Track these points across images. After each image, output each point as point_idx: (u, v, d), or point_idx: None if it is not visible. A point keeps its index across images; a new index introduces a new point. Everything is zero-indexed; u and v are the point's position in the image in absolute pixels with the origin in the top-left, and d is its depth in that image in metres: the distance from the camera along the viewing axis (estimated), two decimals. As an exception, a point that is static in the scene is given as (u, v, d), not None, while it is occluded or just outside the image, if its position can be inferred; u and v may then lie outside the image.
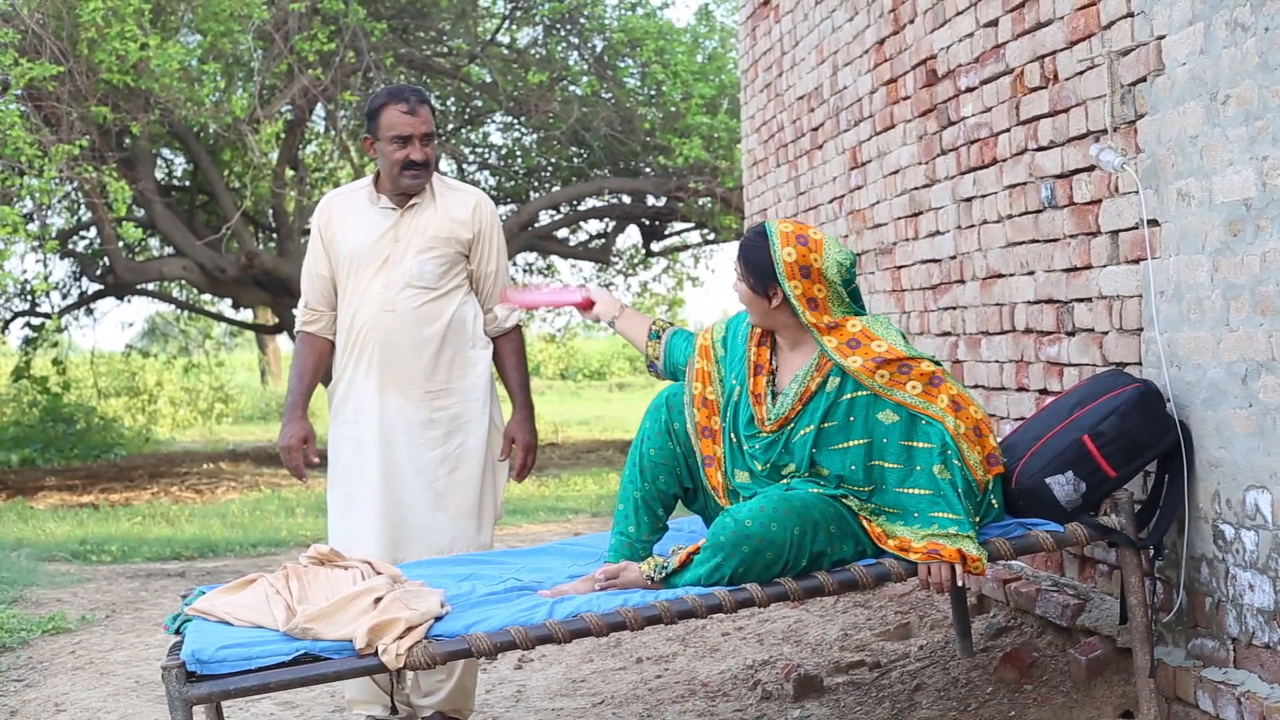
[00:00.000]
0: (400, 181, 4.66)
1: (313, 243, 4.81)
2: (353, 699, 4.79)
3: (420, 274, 4.67)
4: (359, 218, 4.73)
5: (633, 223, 19.77)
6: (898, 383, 3.92)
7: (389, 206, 4.70)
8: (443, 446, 4.70)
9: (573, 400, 29.88)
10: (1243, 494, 3.71)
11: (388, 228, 4.69)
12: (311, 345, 4.82)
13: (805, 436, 3.98)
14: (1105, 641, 4.43)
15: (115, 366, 24.87)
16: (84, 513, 12.93)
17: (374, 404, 4.67)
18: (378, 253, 4.67)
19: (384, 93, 4.68)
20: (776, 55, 7.99)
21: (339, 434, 4.75)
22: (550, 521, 11.29)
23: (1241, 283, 3.64)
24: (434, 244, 4.69)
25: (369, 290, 4.68)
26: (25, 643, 6.82)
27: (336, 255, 4.74)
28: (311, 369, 4.81)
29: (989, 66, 5.11)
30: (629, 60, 16.89)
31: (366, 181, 4.81)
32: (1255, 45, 3.54)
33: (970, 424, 3.92)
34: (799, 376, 4.02)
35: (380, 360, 4.67)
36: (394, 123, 4.60)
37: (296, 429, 4.74)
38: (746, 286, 4.04)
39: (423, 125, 4.62)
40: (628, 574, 4.02)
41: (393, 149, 4.62)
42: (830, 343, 3.97)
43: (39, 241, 13.14)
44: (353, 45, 14.62)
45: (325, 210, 4.80)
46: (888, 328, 4.01)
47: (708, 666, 5.66)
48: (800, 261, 3.96)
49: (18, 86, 11.44)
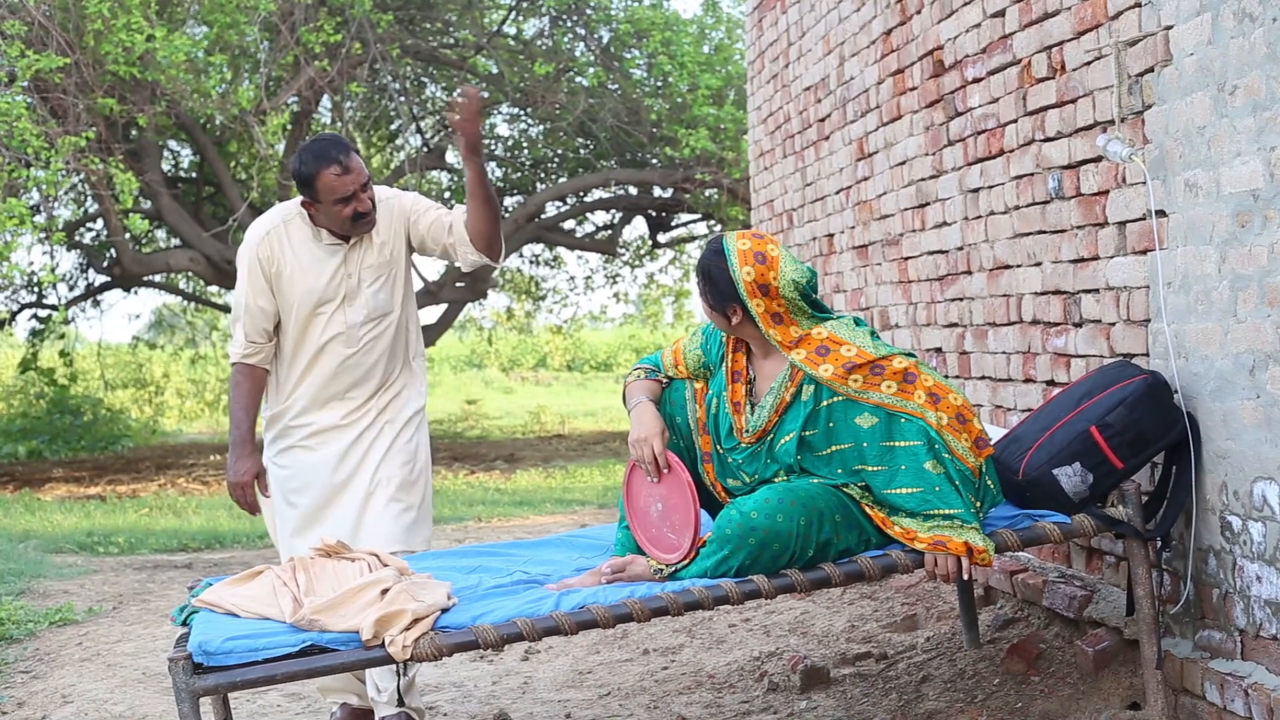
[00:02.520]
0: (354, 231, 4.63)
1: (250, 275, 4.67)
2: (325, 687, 4.79)
3: (377, 305, 4.69)
4: (308, 256, 4.66)
5: (639, 214, 19.77)
6: (872, 384, 3.89)
7: (334, 242, 4.66)
8: (393, 443, 4.73)
9: (579, 392, 29.88)
10: (1250, 485, 3.70)
11: (338, 265, 4.65)
12: (252, 377, 4.72)
13: (788, 444, 3.96)
14: (1112, 633, 4.42)
15: (122, 358, 24.92)
16: (91, 504, 12.95)
17: (328, 419, 4.69)
18: (335, 291, 4.65)
19: (310, 158, 4.54)
20: (783, 46, 7.98)
21: (288, 459, 4.72)
22: (557, 513, 11.29)
23: (1249, 274, 3.63)
24: (381, 272, 4.69)
25: (329, 327, 4.66)
26: (32, 634, 6.84)
27: (284, 291, 4.65)
28: (255, 402, 4.73)
29: (996, 57, 5.10)
30: (635, 51, 16.88)
31: (296, 210, 4.70)
32: (1263, 35, 3.53)
33: (951, 413, 3.89)
34: (774, 388, 4.00)
35: (337, 385, 4.70)
36: (332, 187, 4.53)
37: (249, 464, 4.69)
38: (706, 305, 4.03)
39: (359, 178, 4.56)
40: (634, 567, 4.02)
41: (338, 209, 4.56)
42: (799, 355, 3.94)
43: (46, 233, 13.15)
44: (359, 37, 14.60)
45: (266, 243, 4.67)
46: (853, 329, 3.97)
47: (714, 658, 5.66)
48: (759, 280, 3.93)
49: (24, 78, 11.44)
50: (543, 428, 21.71)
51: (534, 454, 17.72)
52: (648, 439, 4.02)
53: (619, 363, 33.85)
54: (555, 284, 21.78)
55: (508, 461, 16.64)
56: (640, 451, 4.03)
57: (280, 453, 4.74)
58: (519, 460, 16.78)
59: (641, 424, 4.06)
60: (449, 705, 5.32)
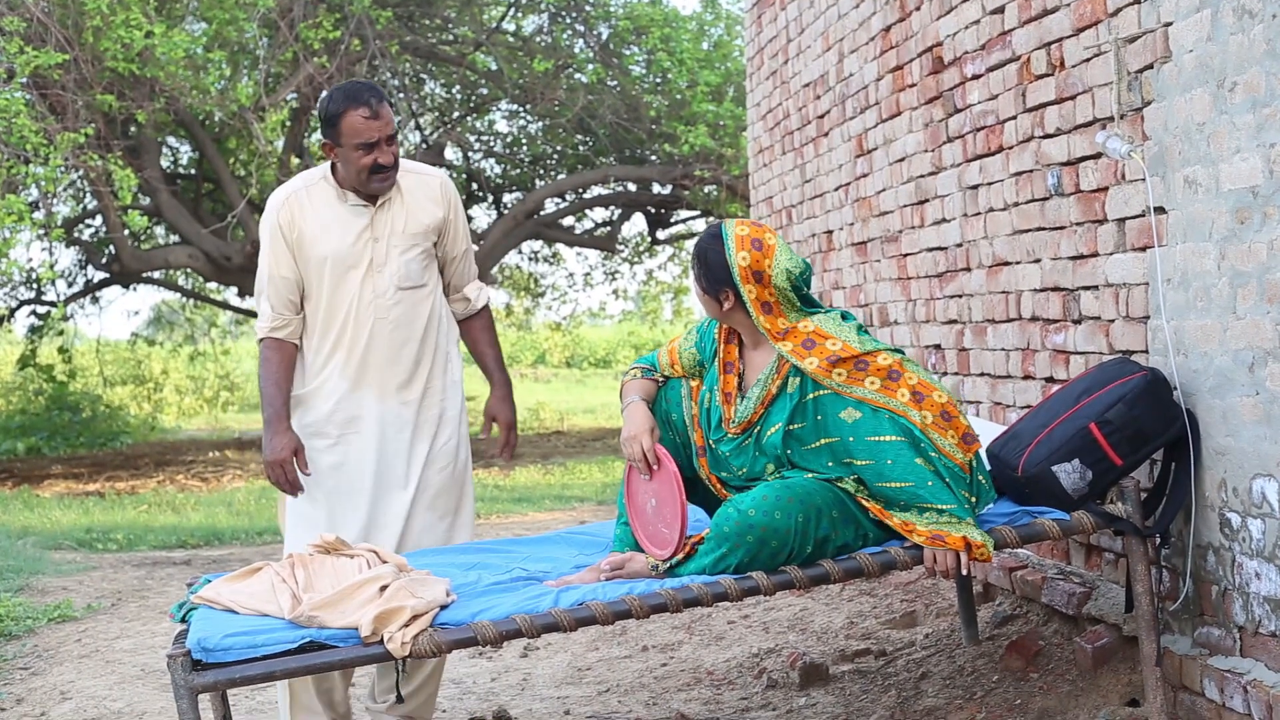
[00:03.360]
0: (369, 185, 4.44)
1: (273, 243, 4.50)
2: (301, 707, 4.51)
3: (408, 274, 4.50)
4: (330, 216, 4.49)
5: (638, 210, 19.77)
6: (855, 379, 3.89)
7: (360, 204, 4.49)
8: (432, 446, 4.57)
9: (578, 388, 29.87)
10: (1249, 482, 3.70)
11: (363, 227, 4.48)
12: (282, 352, 4.51)
13: (773, 436, 3.96)
14: (1111, 630, 4.42)
15: (121, 355, 24.89)
16: (90, 501, 12.94)
17: (365, 410, 4.50)
18: (360, 255, 4.48)
19: (340, 96, 4.40)
20: (782, 43, 7.97)
21: (315, 442, 4.51)
22: (556, 509, 11.29)
23: (1249, 270, 3.63)
24: (415, 240, 4.52)
25: (359, 294, 4.48)
26: (31, 631, 6.84)
27: (308, 256, 4.48)
28: (286, 377, 4.51)
29: (995, 53, 5.09)
30: (634, 48, 16.88)
31: (322, 174, 4.55)
32: (1263, 32, 3.52)
33: (936, 410, 3.87)
34: (761, 379, 4.01)
35: (368, 364, 4.49)
36: (357, 129, 4.36)
37: (286, 440, 4.43)
38: (699, 289, 4.04)
39: (386, 127, 4.39)
40: (633, 564, 4.02)
41: (358, 155, 4.39)
42: (786, 346, 3.95)
43: (45, 230, 13.15)
44: (358, 33, 14.60)
45: (287, 208, 4.49)
46: (840, 324, 3.97)
47: (713, 655, 5.66)
48: (754, 266, 3.94)
49: (23, 75, 11.44)
50: (542, 424, 21.71)
51: (533, 451, 17.72)
52: (636, 436, 4.06)
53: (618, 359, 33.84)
54: (554, 280, 21.80)
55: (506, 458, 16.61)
56: (630, 449, 4.06)
57: (307, 436, 4.51)
58: (518, 457, 16.77)
59: (632, 422, 4.10)
60: (448, 702, 5.32)
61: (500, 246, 18.33)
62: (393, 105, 4.48)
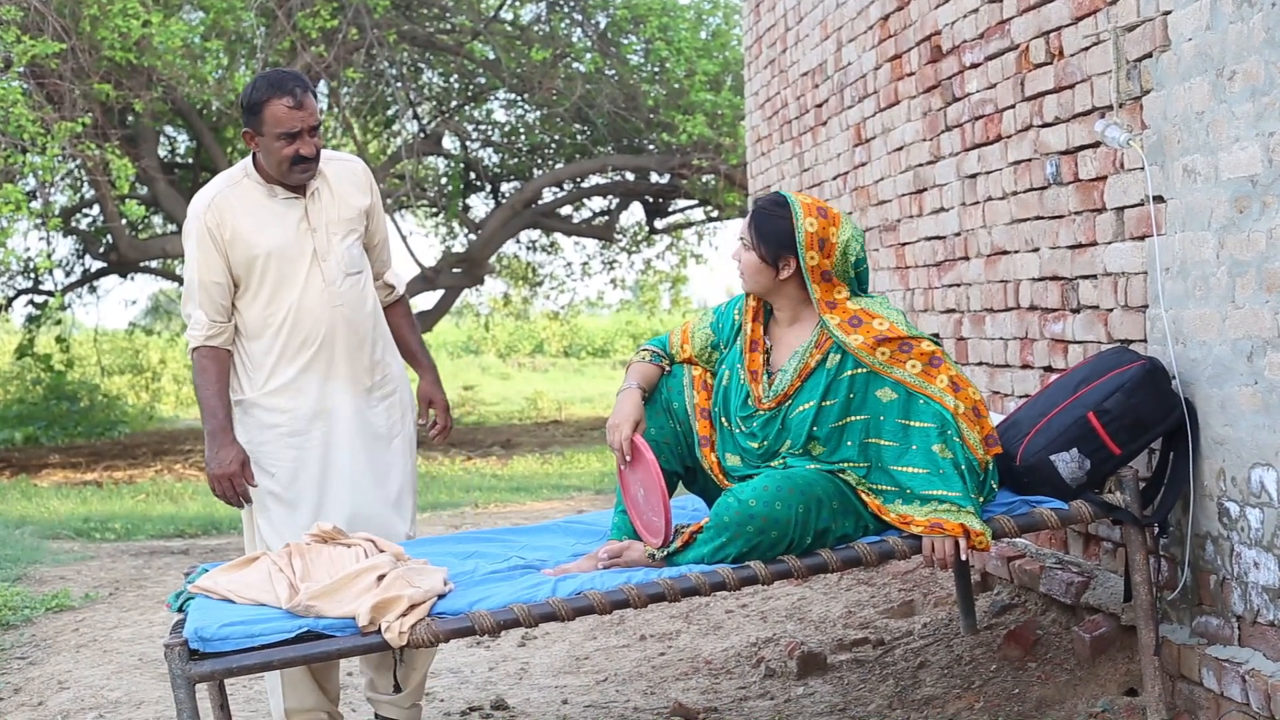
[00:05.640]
0: (290, 176, 4.32)
1: (201, 248, 4.34)
2: (291, 709, 4.40)
3: (351, 261, 4.41)
4: (264, 213, 4.36)
5: (636, 200, 19.76)
6: (898, 360, 3.91)
7: (290, 196, 4.37)
8: (394, 437, 4.49)
9: (576, 378, 29.87)
10: (1248, 471, 3.70)
11: (298, 218, 4.37)
12: (219, 360, 4.38)
13: (804, 413, 3.96)
14: (1109, 619, 4.42)
15: (119, 344, 24.91)
16: (88, 490, 12.95)
17: (338, 400, 4.40)
18: (302, 246, 4.35)
19: (264, 84, 4.28)
20: (780, 31, 7.96)
21: (291, 440, 4.38)
22: (553, 499, 11.29)
23: (1248, 259, 3.62)
24: (351, 225, 4.44)
25: (305, 287, 4.35)
26: (29, 620, 6.84)
27: (244, 256, 4.33)
28: (226, 387, 4.39)
29: (994, 42, 5.08)
30: (632, 37, 16.85)
31: (243, 171, 4.41)
32: (1262, 21, 3.52)
33: (969, 404, 3.91)
34: (798, 353, 4.01)
35: (335, 354, 4.39)
36: (279, 118, 4.23)
37: (233, 452, 4.31)
38: (757, 256, 4.00)
39: (310, 118, 4.27)
40: (631, 553, 4.02)
41: (280, 145, 4.26)
42: (833, 320, 3.96)
43: (42, 219, 13.13)
44: (355, 22, 14.58)
45: (214, 210, 4.34)
46: (887, 307, 4.00)
47: (711, 644, 5.66)
48: (820, 234, 3.96)
49: (20, 64, 11.40)
50: (540, 413, 21.72)
51: (531, 440, 17.72)
52: (618, 425, 4.09)
53: (616, 348, 33.84)
54: (552, 270, 21.76)
55: (504, 447, 16.64)
56: (610, 437, 4.11)
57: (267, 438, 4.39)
58: (516, 446, 16.78)
59: (618, 410, 4.13)
60: (445, 691, 5.31)
61: (498, 236, 18.32)
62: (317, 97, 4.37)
